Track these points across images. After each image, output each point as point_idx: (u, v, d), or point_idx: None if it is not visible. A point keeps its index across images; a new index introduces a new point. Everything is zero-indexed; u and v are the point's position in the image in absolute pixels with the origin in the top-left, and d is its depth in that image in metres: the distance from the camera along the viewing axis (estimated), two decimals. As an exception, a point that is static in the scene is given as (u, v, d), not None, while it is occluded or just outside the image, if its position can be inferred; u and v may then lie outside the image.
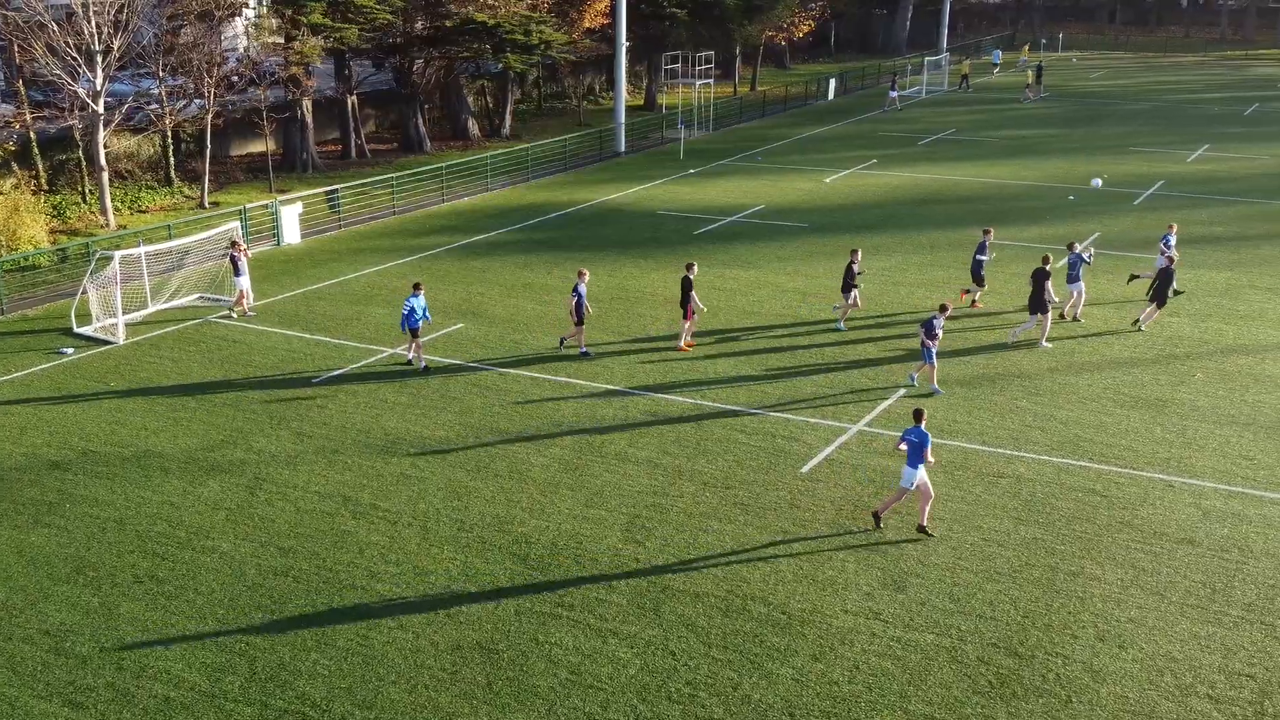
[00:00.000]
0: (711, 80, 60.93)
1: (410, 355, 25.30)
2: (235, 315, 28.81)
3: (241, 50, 47.35)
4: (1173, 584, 16.20)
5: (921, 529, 17.64)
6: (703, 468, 20.22)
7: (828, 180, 45.84)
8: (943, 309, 23.21)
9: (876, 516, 17.95)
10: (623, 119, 53.18)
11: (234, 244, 29.00)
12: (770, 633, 15.19)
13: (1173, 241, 28.35)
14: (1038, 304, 25.64)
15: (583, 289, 25.35)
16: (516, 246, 36.17)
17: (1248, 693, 13.80)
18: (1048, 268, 25.68)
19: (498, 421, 22.34)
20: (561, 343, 26.37)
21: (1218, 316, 28.19)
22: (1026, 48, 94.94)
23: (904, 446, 17.50)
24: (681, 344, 26.39)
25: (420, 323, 24.69)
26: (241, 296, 28.82)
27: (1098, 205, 40.01)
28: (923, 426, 17.37)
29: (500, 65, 50.70)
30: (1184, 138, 54.66)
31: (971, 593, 16.04)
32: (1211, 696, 13.76)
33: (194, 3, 40.64)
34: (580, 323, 25.55)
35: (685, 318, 26.18)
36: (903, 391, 23.52)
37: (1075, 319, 27.69)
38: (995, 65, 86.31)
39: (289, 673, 14.39)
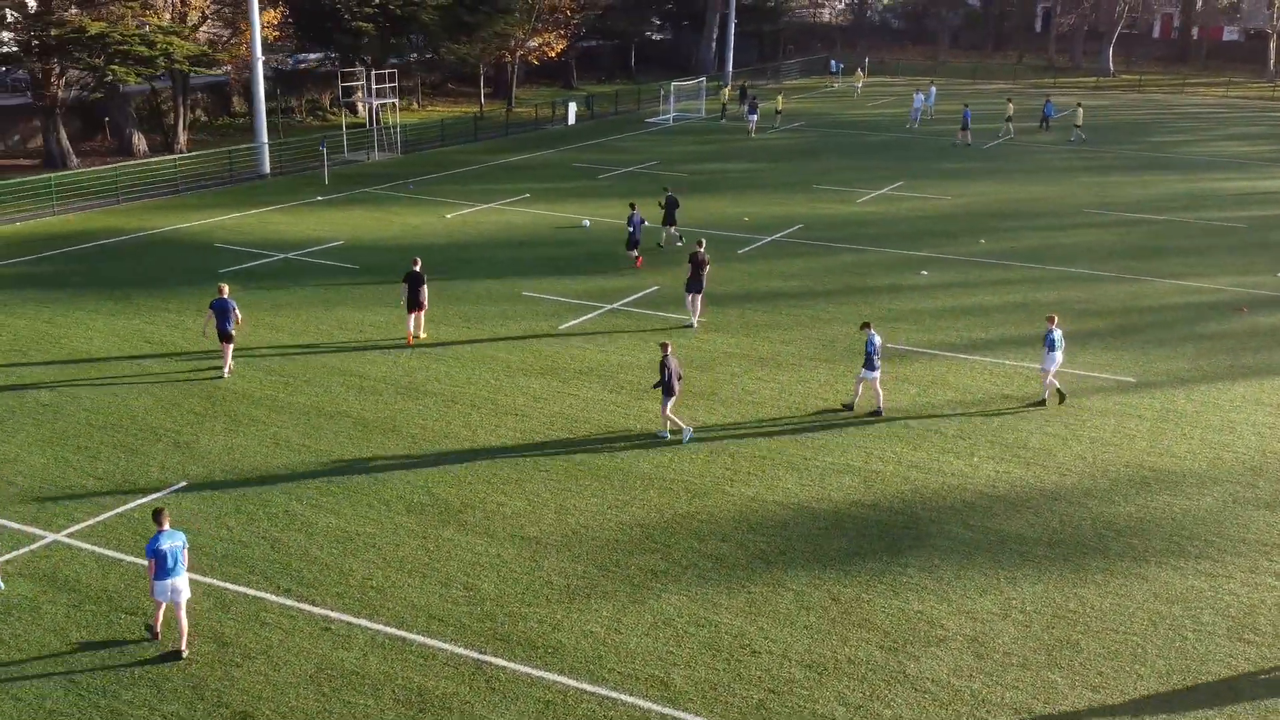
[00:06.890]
0: (395, 100, 56.69)
1: None
2: None
3: None
4: None
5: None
6: None
7: (449, 216, 42.10)
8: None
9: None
10: (265, 138, 49.13)
11: None
12: None
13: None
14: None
15: (230, 304, 24.47)
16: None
17: None
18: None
19: None
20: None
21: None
22: (859, 70, 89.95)
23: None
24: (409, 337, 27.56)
25: None
26: None
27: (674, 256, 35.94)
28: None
29: (111, 77, 46.49)
30: (887, 173, 51.44)
31: None
32: None
33: None
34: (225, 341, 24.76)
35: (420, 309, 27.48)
36: (183, 484, 19.77)
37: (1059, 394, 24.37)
38: (834, 74, 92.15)
39: None
